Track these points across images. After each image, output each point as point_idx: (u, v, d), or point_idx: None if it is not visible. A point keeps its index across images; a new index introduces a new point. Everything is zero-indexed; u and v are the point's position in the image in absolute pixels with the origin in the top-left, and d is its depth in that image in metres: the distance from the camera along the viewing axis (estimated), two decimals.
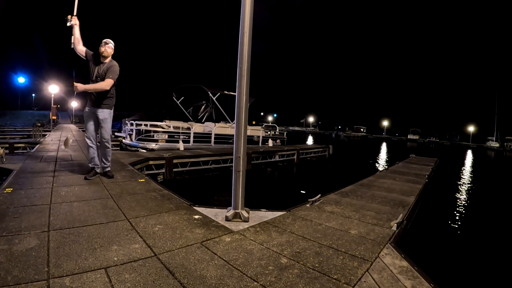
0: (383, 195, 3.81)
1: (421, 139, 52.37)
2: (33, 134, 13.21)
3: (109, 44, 3.48)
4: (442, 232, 4.60)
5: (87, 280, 1.38)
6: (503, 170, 16.90)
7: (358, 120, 71.96)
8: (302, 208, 2.90)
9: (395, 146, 32.08)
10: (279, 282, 1.47)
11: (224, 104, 11.67)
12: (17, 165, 4.53)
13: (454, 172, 12.53)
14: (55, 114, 18.76)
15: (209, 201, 4.72)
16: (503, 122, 47.83)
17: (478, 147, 43.20)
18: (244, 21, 2.31)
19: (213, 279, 1.46)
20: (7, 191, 2.91)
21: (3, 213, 2.23)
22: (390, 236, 2.22)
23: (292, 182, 8.86)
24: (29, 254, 1.59)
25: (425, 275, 1.63)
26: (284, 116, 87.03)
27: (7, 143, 9.20)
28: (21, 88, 48.40)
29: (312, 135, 52.10)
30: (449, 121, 66.38)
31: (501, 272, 3.27)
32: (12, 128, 22.42)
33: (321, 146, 14.56)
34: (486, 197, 8.11)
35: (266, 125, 16.79)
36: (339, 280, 1.52)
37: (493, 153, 33.66)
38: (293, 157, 11.54)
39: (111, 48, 3.50)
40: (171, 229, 2.13)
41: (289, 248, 1.89)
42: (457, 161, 19.23)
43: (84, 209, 2.46)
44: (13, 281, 1.33)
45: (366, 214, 2.84)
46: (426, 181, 5.31)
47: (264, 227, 2.26)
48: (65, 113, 41.13)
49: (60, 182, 3.46)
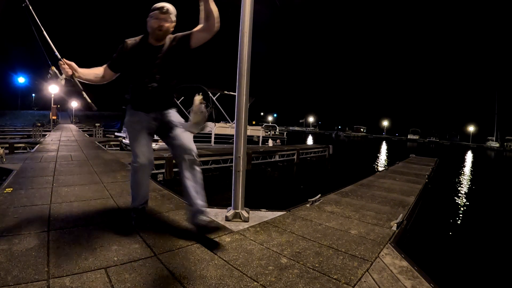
0: (383, 195, 3.81)
1: (421, 139, 52.37)
2: (33, 134, 13.23)
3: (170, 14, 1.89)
4: (442, 232, 4.60)
5: (87, 280, 1.38)
6: (503, 170, 16.90)
7: (358, 120, 72.02)
8: (302, 208, 2.90)
9: (395, 146, 32.07)
10: (279, 282, 1.47)
11: (224, 104, 11.68)
12: (17, 165, 4.53)
13: (454, 172, 12.54)
14: (55, 114, 18.78)
15: (209, 201, 4.72)
16: (503, 122, 47.85)
17: (478, 147, 43.20)
18: (244, 21, 2.31)
19: (213, 279, 1.46)
20: (7, 191, 2.91)
21: (3, 213, 2.23)
22: (390, 236, 2.22)
23: (292, 182, 8.86)
24: (29, 254, 1.59)
25: (425, 275, 1.63)
26: (284, 116, 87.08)
27: (7, 143, 9.21)
28: (21, 88, 48.43)
29: (312, 135, 52.09)
30: (449, 121, 66.42)
31: (501, 272, 3.27)
32: (12, 128, 22.45)
33: (321, 146, 14.57)
34: (486, 197, 8.11)
35: (266, 125, 16.81)
36: (339, 280, 1.52)
37: (493, 153, 33.65)
38: (293, 157, 11.54)
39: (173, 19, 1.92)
40: (171, 229, 2.12)
41: (289, 248, 1.89)
42: (457, 161, 19.23)
43: (84, 209, 2.46)
44: (13, 281, 1.32)
45: (366, 214, 2.84)
46: (426, 181, 5.31)
47: (264, 227, 2.26)
48: (65, 113, 41.13)
49: (60, 182, 3.46)
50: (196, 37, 1.91)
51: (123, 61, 1.99)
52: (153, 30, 1.89)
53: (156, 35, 1.90)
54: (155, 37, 1.92)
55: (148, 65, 1.94)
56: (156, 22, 1.86)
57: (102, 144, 10.21)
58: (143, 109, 2.00)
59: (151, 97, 1.98)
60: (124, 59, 1.98)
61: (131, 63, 1.96)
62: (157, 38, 1.92)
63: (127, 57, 1.97)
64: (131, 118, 2.03)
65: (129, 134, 2.04)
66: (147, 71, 1.94)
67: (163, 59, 1.95)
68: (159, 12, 1.86)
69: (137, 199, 2.13)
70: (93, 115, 36.54)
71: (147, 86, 1.94)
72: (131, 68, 1.97)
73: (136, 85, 1.99)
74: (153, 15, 1.88)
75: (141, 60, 1.94)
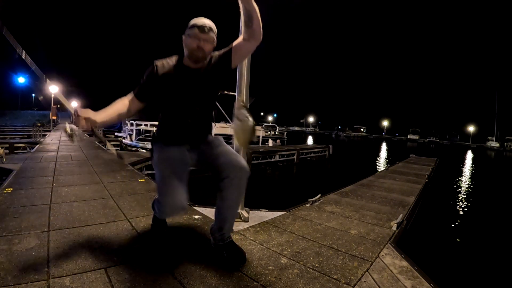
0: (383, 195, 3.81)
1: (421, 139, 52.42)
2: (33, 134, 13.24)
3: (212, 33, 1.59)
4: (442, 232, 4.60)
5: (87, 280, 1.38)
6: (503, 170, 16.90)
7: (358, 120, 72.19)
8: (302, 208, 2.90)
9: (395, 146, 32.08)
10: (279, 282, 1.47)
11: (224, 104, 11.67)
12: (17, 165, 4.53)
13: (454, 172, 12.54)
14: (55, 114, 18.81)
15: (209, 201, 4.72)
16: (503, 122, 47.93)
17: (478, 147, 43.23)
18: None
19: (213, 279, 1.46)
20: (7, 191, 2.91)
21: (3, 213, 2.23)
22: (390, 236, 2.22)
23: (292, 182, 8.86)
24: (29, 254, 1.59)
25: (425, 275, 1.63)
26: (284, 116, 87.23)
27: (7, 143, 9.22)
28: (21, 88, 48.45)
29: (312, 135, 52.09)
30: (449, 121, 66.56)
31: (501, 272, 3.27)
32: (12, 128, 22.46)
33: (321, 146, 14.57)
34: (486, 197, 8.11)
35: (266, 125, 16.81)
36: (339, 280, 1.52)
37: (493, 153, 33.65)
38: (293, 157, 11.54)
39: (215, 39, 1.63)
40: (171, 229, 2.12)
41: (289, 248, 1.90)
42: (457, 161, 19.23)
43: (84, 209, 2.46)
44: (13, 281, 1.32)
45: (366, 214, 2.84)
46: (426, 181, 5.31)
47: (264, 227, 2.26)
48: (65, 113, 41.13)
49: (60, 182, 3.46)
50: (239, 50, 1.58)
51: (154, 88, 1.64)
52: (192, 51, 1.56)
53: (195, 57, 1.57)
54: (193, 59, 1.59)
55: (187, 93, 1.61)
56: (195, 42, 1.54)
57: (102, 144, 10.21)
58: (176, 143, 1.66)
59: (189, 130, 1.66)
60: (156, 86, 1.63)
61: (164, 91, 1.62)
62: (196, 60, 1.59)
63: (159, 83, 1.61)
64: (161, 156, 1.64)
65: (158, 173, 1.63)
66: (186, 100, 1.62)
67: (204, 84, 1.63)
68: (199, 31, 1.53)
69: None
70: None
71: (185, 118, 1.63)
72: (165, 96, 1.64)
73: (170, 117, 1.67)
74: (191, 34, 1.55)
75: (178, 87, 1.61)
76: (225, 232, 1.66)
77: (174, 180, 1.56)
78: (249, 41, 1.51)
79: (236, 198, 1.60)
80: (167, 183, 1.57)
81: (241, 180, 1.57)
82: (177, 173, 1.59)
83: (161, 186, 1.61)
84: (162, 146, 1.66)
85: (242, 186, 1.59)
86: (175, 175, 1.57)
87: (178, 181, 1.56)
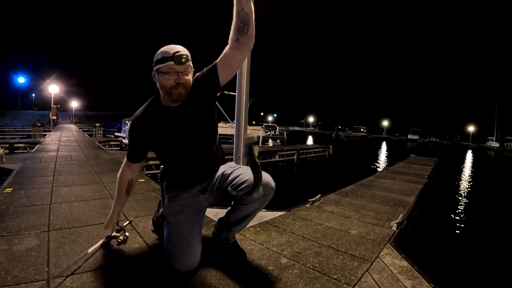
0: (383, 195, 3.81)
1: (421, 139, 52.40)
2: (33, 134, 13.23)
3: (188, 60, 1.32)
4: (442, 232, 4.61)
5: (87, 280, 1.38)
6: (503, 170, 16.90)
7: (358, 120, 72.23)
8: (302, 208, 2.90)
9: (395, 146, 32.08)
10: (279, 282, 1.47)
11: (224, 104, 11.68)
12: (17, 165, 4.54)
13: (454, 172, 12.54)
14: (55, 114, 18.79)
15: None
16: (503, 122, 47.94)
17: (478, 147, 43.21)
18: None
19: (213, 279, 1.46)
20: (7, 191, 2.91)
21: (3, 213, 2.23)
22: (390, 236, 2.22)
23: (292, 182, 8.86)
24: (29, 254, 1.59)
25: (425, 275, 1.63)
26: (284, 116, 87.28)
27: (7, 143, 9.21)
28: (21, 88, 48.49)
29: (312, 135, 52.09)
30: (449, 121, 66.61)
31: (501, 272, 3.27)
32: (12, 128, 22.46)
33: (321, 146, 14.57)
34: (486, 197, 8.11)
35: (266, 125, 16.83)
36: (339, 280, 1.52)
37: (493, 153, 33.65)
38: (293, 157, 11.54)
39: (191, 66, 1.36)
40: None
41: (289, 248, 1.89)
42: (457, 161, 19.23)
43: (84, 209, 2.46)
44: (13, 281, 1.32)
45: (366, 214, 2.84)
46: (426, 181, 5.31)
47: (264, 227, 2.26)
48: (65, 113, 41.19)
49: (60, 182, 3.46)
50: (228, 63, 1.33)
51: (142, 145, 1.49)
52: (170, 90, 1.30)
53: (175, 95, 1.31)
54: (174, 99, 1.34)
55: (177, 137, 1.40)
56: (172, 78, 1.28)
57: (102, 144, 10.21)
58: (185, 187, 1.53)
59: (193, 174, 1.51)
60: (142, 142, 1.47)
61: (153, 143, 1.46)
62: (176, 100, 1.35)
63: (144, 138, 1.45)
64: (172, 204, 1.50)
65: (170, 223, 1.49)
66: (179, 145, 1.42)
67: (192, 120, 1.39)
68: (175, 63, 1.26)
69: None
70: (93, 115, 36.55)
71: (185, 164, 1.48)
72: (156, 148, 1.48)
73: (169, 165, 1.55)
74: (164, 69, 1.28)
75: (165, 134, 1.40)
76: (232, 234, 1.66)
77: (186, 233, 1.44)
78: (241, 51, 1.30)
79: (257, 209, 1.54)
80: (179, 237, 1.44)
81: (267, 197, 1.48)
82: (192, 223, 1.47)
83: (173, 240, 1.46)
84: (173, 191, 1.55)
85: (267, 201, 1.53)
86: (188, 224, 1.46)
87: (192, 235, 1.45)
